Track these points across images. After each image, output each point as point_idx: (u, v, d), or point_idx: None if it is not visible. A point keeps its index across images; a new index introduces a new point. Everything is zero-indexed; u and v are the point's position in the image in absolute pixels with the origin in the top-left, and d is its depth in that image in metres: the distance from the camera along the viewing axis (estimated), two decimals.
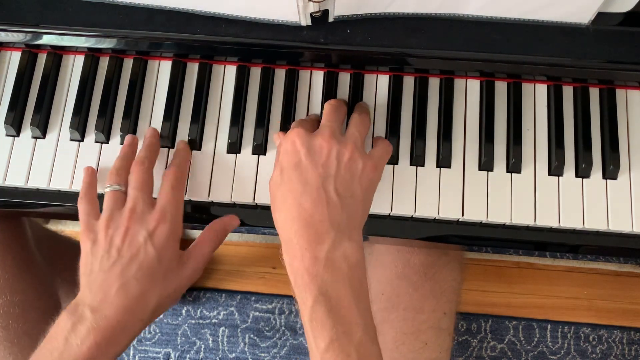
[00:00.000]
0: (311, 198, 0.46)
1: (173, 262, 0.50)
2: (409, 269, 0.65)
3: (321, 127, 0.50)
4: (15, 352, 0.64)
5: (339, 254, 0.45)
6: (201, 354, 1.23)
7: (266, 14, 0.54)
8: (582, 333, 1.24)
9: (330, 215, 0.45)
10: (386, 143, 0.54)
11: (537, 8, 0.52)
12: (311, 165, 0.47)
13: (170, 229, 0.50)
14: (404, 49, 0.55)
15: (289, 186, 0.47)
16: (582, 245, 0.57)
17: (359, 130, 0.51)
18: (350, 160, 0.48)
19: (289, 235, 0.46)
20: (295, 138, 0.48)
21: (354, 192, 0.48)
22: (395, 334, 0.63)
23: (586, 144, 0.56)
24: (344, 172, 0.47)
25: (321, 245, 0.45)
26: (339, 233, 0.45)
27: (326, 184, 0.46)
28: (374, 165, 0.50)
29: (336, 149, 0.48)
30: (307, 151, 0.48)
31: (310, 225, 0.45)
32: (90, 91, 0.60)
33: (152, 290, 0.48)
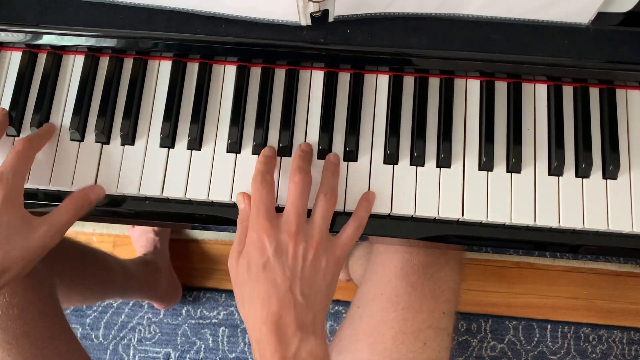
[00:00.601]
0: (279, 301, 0.49)
1: (15, 225, 0.50)
2: (408, 268, 0.65)
3: (286, 214, 0.51)
4: (14, 353, 0.64)
5: (306, 352, 0.48)
6: (201, 354, 1.23)
7: (266, 14, 0.54)
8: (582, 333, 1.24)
9: (297, 317, 0.48)
10: (355, 226, 0.54)
11: (537, 8, 0.52)
12: (279, 267, 0.49)
13: (6, 191, 0.50)
14: (404, 49, 0.55)
15: (257, 286, 0.50)
16: (582, 245, 0.57)
17: (323, 218, 0.52)
18: (314, 258, 0.51)
19: (257, 336, 0.49)
20: (262, 233, 0.50)
21: (318, 290, 0.51)
22: (395, 334, 0.63)
23: (586, 144, 0.57)
24: (309, 272, 0.50)
25: (289, 346, 0.48)
26: (305, 333, 0.48)
27: (293, 286, 0.49)
28: (336, 260, 0.52)
29: (302, 247, 0.50)
30: (274, 251, 0.50)
31: (279, 328, 0.48)
32: (90, 91, 0.60)
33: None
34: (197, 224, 0.60)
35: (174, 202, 0.58)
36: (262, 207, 0.51)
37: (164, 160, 0.58)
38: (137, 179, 0.57)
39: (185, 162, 0.58)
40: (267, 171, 0.54)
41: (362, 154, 0.57)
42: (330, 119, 0.58)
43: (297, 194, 0.52)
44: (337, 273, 0.53)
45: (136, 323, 1.25)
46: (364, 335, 0.65)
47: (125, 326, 1.25)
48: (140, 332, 1.24)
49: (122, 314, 1.25)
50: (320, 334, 0.50)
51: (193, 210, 0.58)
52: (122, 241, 1.30)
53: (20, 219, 0.51)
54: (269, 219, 0.51)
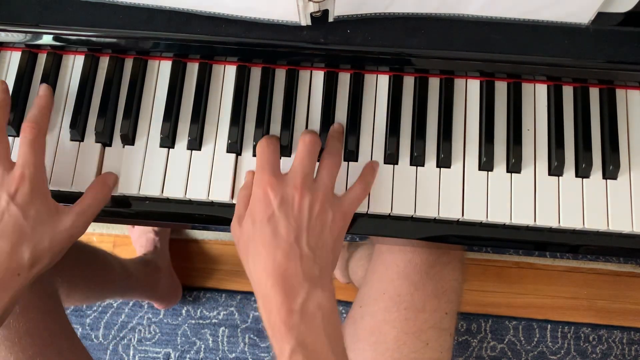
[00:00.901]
0: (285, 253, 0.48)
1: (43, 216, 0.51)
2: (410, 268, 0.65)
3: (293, 170, 0.51)
4: (16, 351, 0.64)
5: (313, 304, 0.47)
6: (201, 354, 1.23)
7: (266, 14, 0.54)
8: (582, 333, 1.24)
9: (303, 269, 0.48)
10: (362, 187, 0.54)
11: (537, 8, 0.52)
12: (284, 219, 0.49)
13: (31, 187, 0.50)
14: (404, 49, 0.55)
15: (262, 240, 0.49)
16: (582, 245, 0.57)
17: (329, 176, 0.52)
18: (321, 211, 0.50)
19: (264, 290, 0.48)
20: (267, 187, 0.50)
21: (324, 243, 0.50)
22: (397, 334, 0.63)
23: (586, 144, 0.57)
24: (315, 224, 0.50)
25: (296, 298, 0.47)
26: (312, 285, 0.48)
27: (299, 238, 0.49)
28: (343, 215, 0.52)
29: (308, 199, 0.50)
30: (279, 203, 0.49)
31: (285, 279, 0.47)
32: (90, 91, 0.60)
33: (23, 244, 0.50)
34: (197, 224, 0.60)
35: (174, 202, 0.58)
36: (267, 165, 0.51)
37: (164, 160, 0.58)
38: (137, 179, 0.57)
39: (185, 162, 0.58)
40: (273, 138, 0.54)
41: (362, 154, 0.57)
42: (330, 119, 0.58)
43: (305, 152, 0.52)
44: (343, 229, 0.52)
45: (136, 323, 1.25)
46: (365, 335, 0.65)
47: (125, 326, 1.25)
48: (140, 332, 1.24)
49: (122, 314, 1.25)
50: (329, 288, 0.49)
51: (193, 210, 0.58)
52: (122, 241, 1.30)
53: (48, 210, 0.52)
54: (274, 175, 0.50)
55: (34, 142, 0.52)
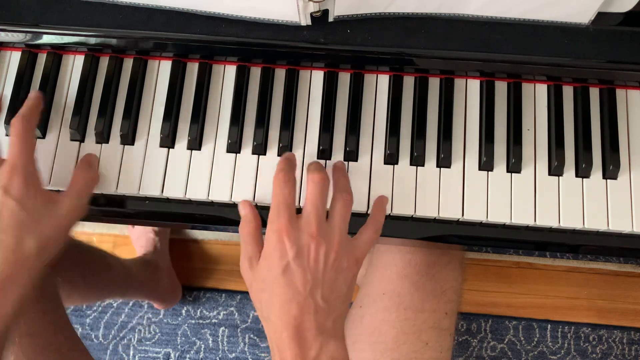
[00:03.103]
0: (299, 306, 0.48)
1: (40, 205, 0.51)
2: (410, 268, 0.65)
3: (307, 214, 0.50)
4: (16, 351, 0.64)
5: (326, 357, 0.47)
6: (201, 354, 1.23)
7: (266, 14, 0.54)
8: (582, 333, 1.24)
9: (317, 322, 0.48)
10: (374, 229, 0.54)
11: (537, 8, 0.52)
12: (299, 271, 0.49)
13: (23, 178, 0.50)
14: (404, 49, 0.55)
15: (277, 291, 0.49)
16: (582, 245, 0.57)
17: (343, 218, 0.52)
18: (336, 260, 0.50)
19: (278, 341, 0.48)
20: (283, 235, 0.49)
21: (339, 293, 0.50)
22: (397, 334, 0.63)
23: (586, 144, 0.57)
24: (330, 274, 0.49)
25: (310, 351, 0.47)
26: (325, 337, 0.48)
27: (314, 290, 0.49)
28: (356, 260, 0.52)
29: (324, 249, 0.49)
30: (295, 254, 0.49)
31: (299, 332, 0.47)
32: (90, 91, 0.60)
33: (26, 235, 0.50)
34: (197, 224, 0.60)
35: (174, 202, 0.58)
36: (283, 208, 0.50)
37: (164, 160, 0.58)
38: (137, 179, 0.57)
39: (185, 162, 0.58)
40: (290, 170, 0.53)
41: (363, 154, 0.57)
42: (330, 119, 0.58)
43: (316, 193, 0.51)
44: (356, 275, 0.52)
45: (136, 323, 1.25)
46: (365, 334, 0.65)
47: (125, 326, 1.25)
48: (140, 332, 1.24)
49: (122, 314, 1.25)
50: (341, 338, 0.49)
51: (193, 210, 0.58)
52: (122, 241, 1.30)
53: (44, 199, 0.52)
54: (290, 220, 0.50)
55: (22, 134, 0.52)
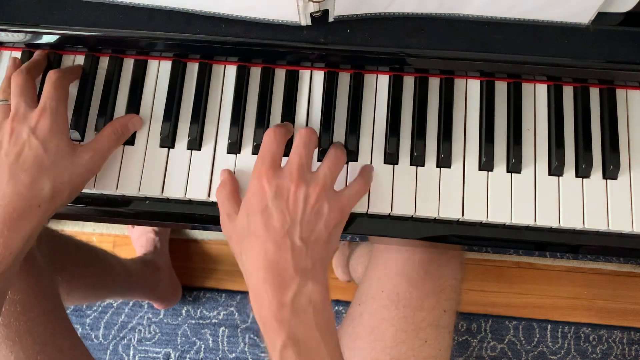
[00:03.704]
0: (276, 245, 0.47)
1: (62, 151, 0.52)
2: (409, 266, 0.65)
3: (290, 162, 0.51)
4: (17, 350, 0.64)
5: (305, 298, 0.46)
6: (201, 354, 1.23)
7: (266, 14, 0.54)
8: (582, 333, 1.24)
9: (294, 262, 0.47)
10: (362, 183, 0.54)
11: (537, 8, 0.52)
12: (277, 211, 0.48)
13: (52, 121, 0.52)
14: (404, 49, 0.55)
15: (255, 232, 0.48)
16: (582, 245, 0.57)
17: (331, 168, 0.51)
18: (316, 202, 0.49)
19: (255, 283, 0.47)
20: (263, 179, 0.49)
21: (319, 236, 0.49)
22: (395, 332, 0.63)
23: (586, 144, 0.57)
24: (309, 216, 0.49)
25: (287, 291, 0.46)
26: (304, 278, 0.47)
27: (291, 230, 0.48)
28: (341, 208, 0.51)
29: (303, 191, 0.49)
30: (274, 195, 0.49)
31: (276, 272, 0.47)
32: (90, 91, 0.60)
33: (42, 177, 0.51)
34: (197, 224, 0.60)
35: (174, 202, 0.58)
36: (267, 156, 0.51)
37: (164, 160, 0.58)
38: (137, 179, 0.57)
39: (185, 162, 0.58)
40: (282, 127, 0.53)
41: (363, 154, 0.57)
42: (330, 119, 0.58)
43: (301, 143, 0.51)
44: (340, 223, 0.51)
45: (136, 323, 1.25)
46: (364, 333, 0.65)
47: (125, 326, 1.25)
48: (140, 332, 1.24)
49: (122, 314, 1.25)
50: (321, 281, 0.48)
51: (193, 210, 0.58)
52: (122, 241, 1.30)
53: (67, 146, 0.53)
54: (272, 167, 0.50)
55: (56, 82, 0.54)
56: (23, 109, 0.53)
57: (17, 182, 0.50)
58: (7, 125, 0.52)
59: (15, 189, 0.50)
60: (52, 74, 0.55)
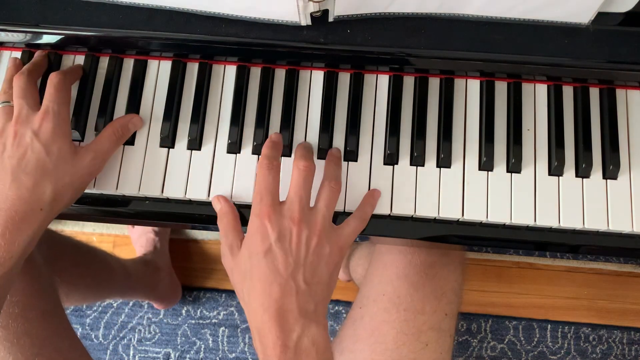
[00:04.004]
0: (281, 288, 0.48)
1: (64, 154, 0.53)
2: (410, 269, 0.65)
3: (290, 201, 0.51)
4: (14, 351, 0.64)
5: (308, 340, 0.47)
6: (201, 354, 1.23)
7: (266, 14, 0.54)
8: (582, 333, 1.24)
9: (299, 305, 0.48)
10: (360, 219, 0.54)
11: (537, 8, 0.52)
12: (281, 253, 0.49)
13: (54, 124, 0.52)
14: (404, 49, 0.55)
15: (258, 274, 0.49)
16: (582, 245, 0.57)
17: (327, 206, 0.52)
18: (318, 245, 0.50)
19: (260, 325, 0.48)
20: (265, 219, 0.50)
21: (321, 278, 0.50)
22: (396, 335, 0.63)
23: (586, 144, 0.57)
24: (311, 259, 0.50)
25: (291, 333, 0.47)
26: (307, 320, 0.48)
27: (295, 273, 0.49)
28: (340, 248, 0.52)
29: (305, 234, 0.50)
30: (277, 237, 0.49)
31: (280, 315, 0.47)
32: (90, 91, 0.60)
33: (44, 180, 0.51)
34: (197, 224, 0.60)
35: (174, 202, 0.58)
36: (266, 193, 0.51)
37: (164, 160, 0.58)
38: (137, 179, 0.57)
39: (185, 162, 0.58)
40: (275, 156, 0.53)
41: (362, 154, 0.57)
42: (330, 119, 0.58)
43: (300, 180, 0.51)
44: (339, 263, 0.52)
45: (136, 323, 1.25)
46: (365, 335, 0.65)
47: (125, 326, 1.25)
48: (140, 332, 1.24)
49: (122, 314, 1.25)
50: (323, 323, 0.49)
51: (193, 210, 0.58)
52: (122, 241, 1.30)
53: (69, 149, 0.53)
54: (272, 206, 0.50)
55: (58, 84, 0.54)
56: (26, 112, 0.53)
57: (19, 186, 0.50)
58: (11, 127, 0.52)
59: (17, 193, 0.50)
60: (54, 76, 0.55)
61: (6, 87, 0.56)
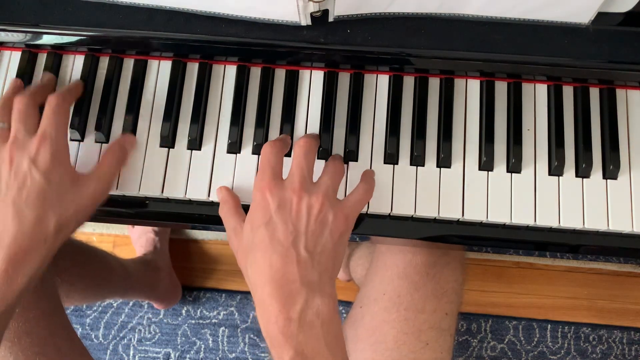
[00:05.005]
0: (282, 258, 0.46)
1: (65, 182, 0.51)
2: (410, 268, 0.65)
3: (291, 174, 0.50)
4: (15, 351, 0.64)
5: (312, 312, 0.46)
6: (201, 354, 1.23)
7: (266, 14, 0.54)
8: (582, 333, 1.24)
9: (301, 274, 0.46)
10: (365, 188, 0.53)
11: (537, 8, 0.52)
12: (281, 222, 0.48)
13: (52, 150, 0.50)
14: (404, 49, 0.55)
15: (259, 245, 0.48)
16: (582, 245, 0.57)
17: (332, 178, 0.51)
18: (320, 212, 0.48)
19: (261, 297, 0.47)
20: (266, 191, 0.49)
21: (324, 247, 0.48)
22: (396, 334, 0.63)
23: (586, 144, 0.57)
24: (314, 227, 0.48)
25: (294, 305, 0.45)
26: (311, 291, 0.46)
27: (296, 241, 0.47)
28: (345, 216, 0.50)
29: (306, 201, 0.48)
30: (277, 206, 0.48)
31: (282, 286, 0.46)
32: (90, 91, 0.59)
33: (48, 212, 0.49)
34: (197, 224, 0.60)
35: (174, 202, 0.58)
36: (267, 168, 0.50)
37: (164, 160, 0.58)
38: (137, 179, 0.57)
39: (185, 162, 0.58)
40: (281, 139, 0.53)
41: (362, 154, 0.57)
42: (330, 119, 0.58)
43: (302, 154, 0.51)
44: (346, 232, 0.50)
45: (136, 323, 1.25)
46: (365, 335, 0.65)
47: (125, 326, 1.25)
48: (140, 332, 1.24)
49: (122, 314, 1.25)
50: (329, 294, 0.47)
51: (193, 210, 0.58)
52: (122, 241, 1.30)
53: (70, 177, 0.51)
54: (273, 179, 0.50)
55: (56, 108, 0.52)
56: (22, 136, 0.50)
57: (21, 219, 0.48)
58: (6, 153, 0.50)
59: (20, 227, 0.48)
60: (53, 99, 0.52)
61: (2, 108, 0.54)
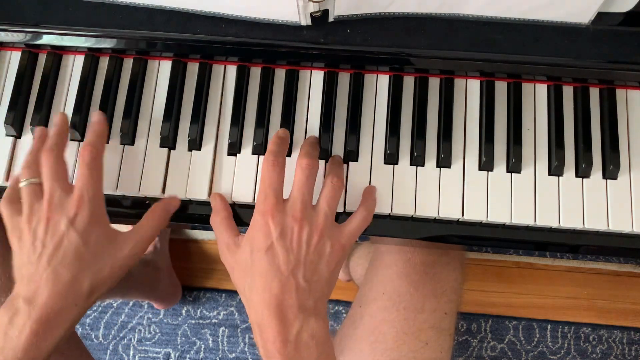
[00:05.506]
0: (281, 285, 0.49)
1: (102, 243, 0.51)
2: (409, 268, 0.65)
3: (293, 198, 0.51)
4: None
5: (307, 335, 0.48)
6: (201, 354, 1.23)
7: (266, 14, 0.54)
8: (582, 333, 1.24)
9: (298, 301, 0.49)
10: (363, 216, 0.54)
11: (537, 8, 0.52)
12: (282, 250, 0.49)
13: (90, 212, 0.50)
14: (404, 49, 0.55)
15: (260, 270, 0.49)
16: (582, 245, 0.57)
17: (330, 204, 0.52)
18: (318, 242, 0.50)
19: (260, 319, 0.49)
20: (268, 216, 0.50)
21: (321, 276, 0.50)
22: (396, 334, 0.63)
23: (586, 144, 0.57)
24: (312, 257, 0.50)
25: (291, 328, 0.48)
26: (307, 315, 0.49)
27: (296, 270, 0.49)
28: (342, 246, 0.52)
29: (306, 231, 0.50)
30: (279, 234, 0.49)
31: (280, 311, 0.48)
32: (90, 91, 0.60)
33: (83, 273, 0.49)
34: (197, 224, 0.60)
35: None
36: (270, 191, 0.51)
37: (164, 160, 0.58)
38: (137, 179, 0.57)
39: (185, 162, 0.58)
40: (280, 152, 0.53)
41: (363, 154, 0.57)
42: (330, 119, 0.58)
43: (303, 179, 0.52)
44: (340, 261, 0.52)
45: (136, 323, 1.25)
46: (365, 334, 0.65)
47: (125, 326, 1.25)
48: (140, 332, 1.24)
49: (122, 314, 1.25)
50: (322, 317, 0.50)
51: (193, 210, 0.58)
52: None
53: (107, 237, 0.51)
54: (275, 204, 0.50)
55: (91, 164, 0.52)
56: (58, 195, 0.50)
57: (56, 280, 0.48)
58: (43, 212, 0.49)
59: (54, 288, 0.48)
60: (86, 155, 0.51)
61: (31, 161, 0.52)
